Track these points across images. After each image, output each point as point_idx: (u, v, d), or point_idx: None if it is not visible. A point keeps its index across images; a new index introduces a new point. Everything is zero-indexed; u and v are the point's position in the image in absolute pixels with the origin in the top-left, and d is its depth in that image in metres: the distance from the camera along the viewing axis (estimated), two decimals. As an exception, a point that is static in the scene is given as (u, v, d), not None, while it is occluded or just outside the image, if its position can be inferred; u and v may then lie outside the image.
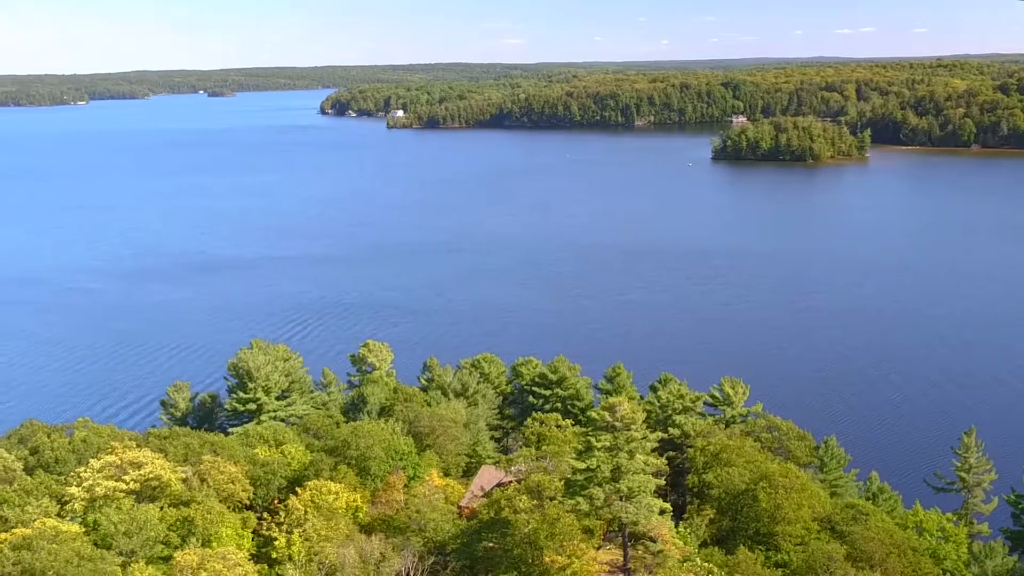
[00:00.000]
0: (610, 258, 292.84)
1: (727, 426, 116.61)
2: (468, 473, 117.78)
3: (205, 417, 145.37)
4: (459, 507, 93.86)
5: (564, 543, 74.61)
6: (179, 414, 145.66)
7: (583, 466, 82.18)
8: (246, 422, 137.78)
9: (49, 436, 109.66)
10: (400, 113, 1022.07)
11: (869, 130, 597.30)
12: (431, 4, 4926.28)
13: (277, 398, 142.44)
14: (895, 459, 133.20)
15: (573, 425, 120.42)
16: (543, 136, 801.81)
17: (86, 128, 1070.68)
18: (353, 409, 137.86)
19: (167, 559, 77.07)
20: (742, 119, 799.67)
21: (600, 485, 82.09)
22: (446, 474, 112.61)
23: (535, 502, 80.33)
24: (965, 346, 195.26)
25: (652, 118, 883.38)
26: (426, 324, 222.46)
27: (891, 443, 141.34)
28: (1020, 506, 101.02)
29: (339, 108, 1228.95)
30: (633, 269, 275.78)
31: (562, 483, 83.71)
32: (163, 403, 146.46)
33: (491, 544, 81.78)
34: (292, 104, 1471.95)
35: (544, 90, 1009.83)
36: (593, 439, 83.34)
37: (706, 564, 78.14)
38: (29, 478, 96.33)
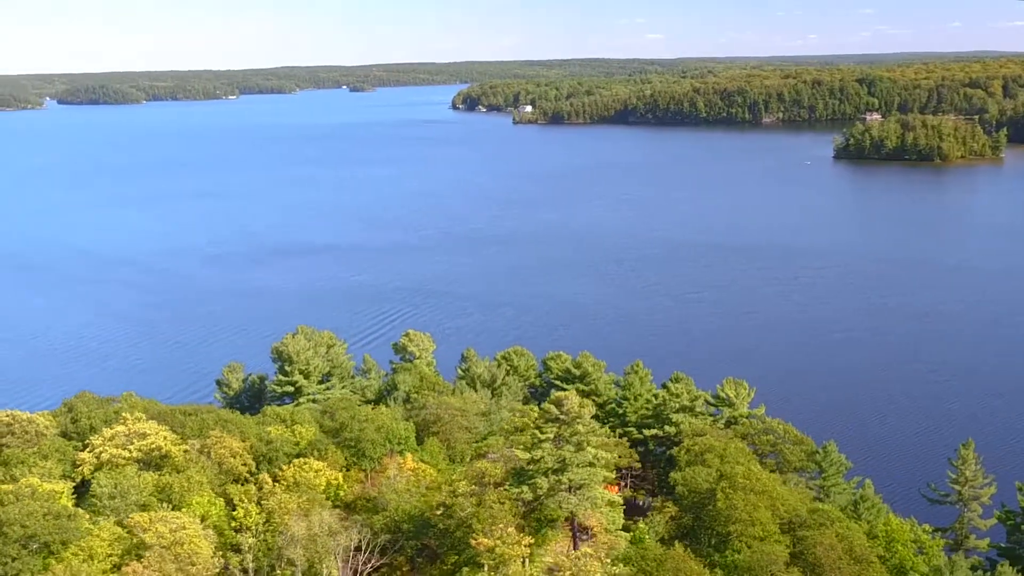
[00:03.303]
0: (694, 256, 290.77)
1: (727, 427, 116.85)
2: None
3: (255, 397, 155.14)
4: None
5: (493, 527, 77.90)
6: (232, 393, 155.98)
7: (527, 456, 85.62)
8: (288, 403, 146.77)
9: (87, 407, 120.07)
10: (528, 109, 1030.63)
11: (1006, 129, 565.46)
12: (573, 0, 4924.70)
13: (319, 382, 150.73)
14: (902, 468, 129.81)
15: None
16: (665, 132, 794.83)
17: (232, 122, 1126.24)
18: (385, 395, 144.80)
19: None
20: (876, 117, 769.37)
21: (545, 475, 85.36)
22: (452, 461, 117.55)
23: (474, 488, 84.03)
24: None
25: (781, 115, 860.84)
26: (485, 315, 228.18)
27: (901, 451, 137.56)
28: (1010, 523, 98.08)
29: (469, 103, 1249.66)
30: (715, 268, 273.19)
31: (510, 471, 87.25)
32: (218, 383, 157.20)
33: (440, 526, 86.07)
34: (426, 99, 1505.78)
35: (672, 86, 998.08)
36: (538, 431, 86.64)
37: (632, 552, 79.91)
38: (55, 442, 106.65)
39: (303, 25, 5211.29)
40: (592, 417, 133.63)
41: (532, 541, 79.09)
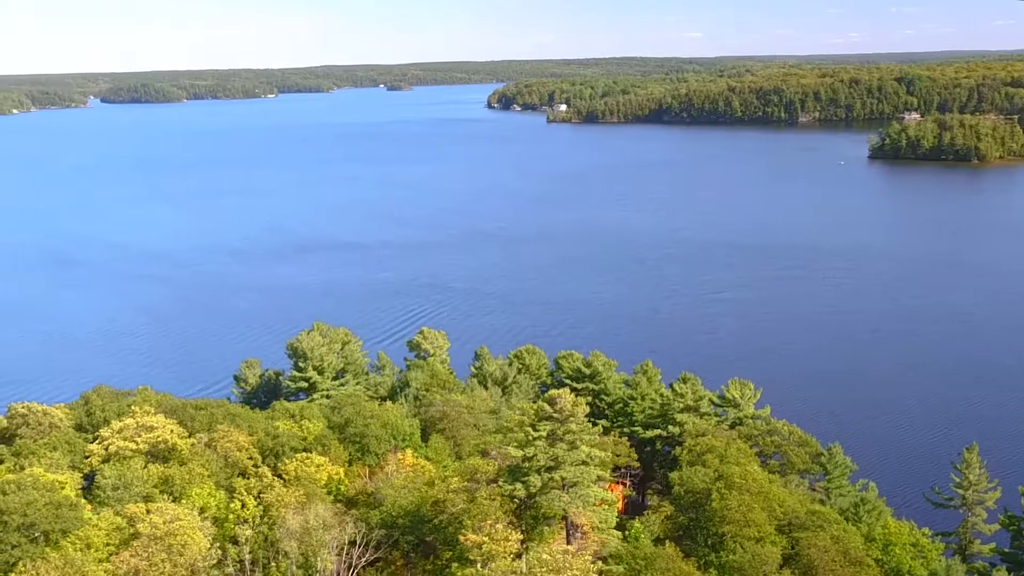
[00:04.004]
0: (718, 255, 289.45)
1: (732, 427, 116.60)
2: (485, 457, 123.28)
3: (271, 392, 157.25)
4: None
5: (482, 523, 78.61)
6: (249, 389, 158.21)
7: (520, 454, 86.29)
8: (302, 399, 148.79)
9: (102, 399, 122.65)
10: (563, 107, 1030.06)
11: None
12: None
13: (333, 379, 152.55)
14: (909, 471, 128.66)
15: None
16: (699, 132, 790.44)
17: (270, 121, 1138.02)
18: (397, 392, 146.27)
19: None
20: (915, 116, 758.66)
21: (538, 473, 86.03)
22: (458, 458, 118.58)
23: (466, 484, 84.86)
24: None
25: (817, 114, 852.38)
26: (504, 313, 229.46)
27: (910, 454, 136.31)
28: (1012, 528, 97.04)
29: (505, 102, 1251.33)
30: (738, 268, 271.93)
31: (504, 469, 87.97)
32: (236, 378, 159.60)
33: (434, 522, 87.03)
34: (462, 98, 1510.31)
35: (707, 85, 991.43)
36: (531, 429, 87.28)
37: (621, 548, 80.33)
38: (67, 434, 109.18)
39: (342, 25, 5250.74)
40: (600, 416, 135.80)
41: (522, 538, 79.66)
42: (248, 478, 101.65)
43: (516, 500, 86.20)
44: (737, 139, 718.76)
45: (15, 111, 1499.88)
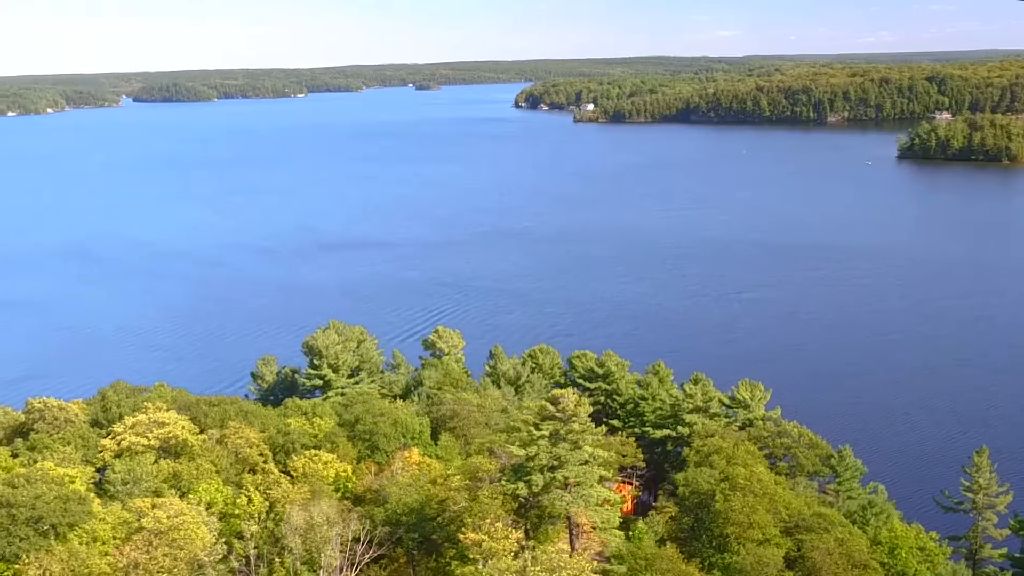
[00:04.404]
0: (741, 256, 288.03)
1: (741, 429, 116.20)
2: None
3: (288, 389, 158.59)
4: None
5: (482, 522, 79.00)
6: (266, 386, 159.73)
7: (523, 453, 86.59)
8: (318, 396, 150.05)
9: (118, 395, 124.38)
10: (590, 107, 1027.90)
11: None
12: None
13: (348, 376, 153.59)
14: (920, 474, 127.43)
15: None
16: (726, 132, 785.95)
17: (299, 120, 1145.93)
18: (410, 391, 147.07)
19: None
20: (946, 116, 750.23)
21: (541, 472, 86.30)
22: (468, 456, 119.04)
23: (468, 482, 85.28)
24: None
25: (846, 114, 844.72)
26: (523, 312, 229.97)
27: (922, 457, 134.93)
28: (1023, 533, 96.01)
29: (532, 102, 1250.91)
30: (760, 268, 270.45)
31: (506, 467, 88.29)
32: (253, 375, 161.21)
33: (438, 520, 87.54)
34: (490, 97, 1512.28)
35: (735, 84, 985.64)
36: (534, 429, 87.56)
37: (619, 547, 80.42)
38: (81, 429, 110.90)
39: (371, 24, 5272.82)
40: (613, 416, 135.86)
41: (521, 536, 79.93)
42: (256, 474, 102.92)
43: (519, 499, 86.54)
44: (764, 139, 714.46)
45: (50, 110, 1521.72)
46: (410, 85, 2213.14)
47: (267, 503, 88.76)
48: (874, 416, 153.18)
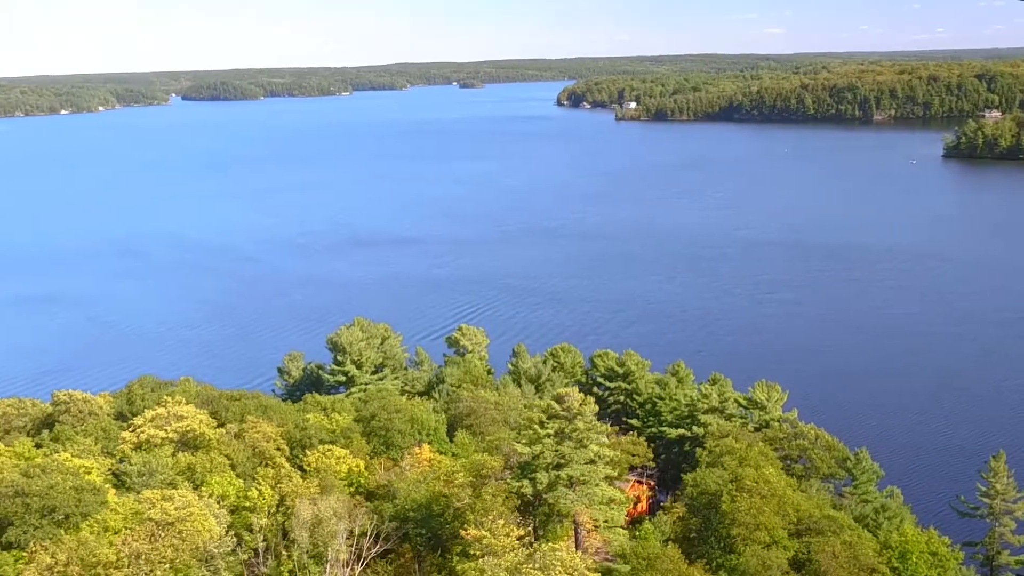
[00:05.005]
0: (774, 255, 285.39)
1: (757, 430, 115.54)
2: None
3: (313, 385, 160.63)
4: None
5: (483, 519, 79.60)
6: (292, 381, 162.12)
7: (528, 451, 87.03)
8: (342, 392, 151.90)
9: (143, 389, 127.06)
10: (633, 105, 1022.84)
11: None
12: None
13: (371, 373, 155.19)
14: (938, 478, 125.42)
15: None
16: (769, 130, 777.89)
17: (343, 118, 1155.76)
18: (432, 388, 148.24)
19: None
20: (996, 114, 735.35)
21: (545, 470, 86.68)
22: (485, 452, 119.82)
23: (472, 479, 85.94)
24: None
25: (893, 112, 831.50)
26: (550, 310, 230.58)
27: (940, 461, 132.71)
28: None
29: (574, 100, 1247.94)
30: (794, 268, 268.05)
31: (513, 465, 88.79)
32: (279, 370, 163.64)
33: (443, 516, 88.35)
34: (533, 95, 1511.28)
35: (780, 82, 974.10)
36: (539, 427, 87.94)
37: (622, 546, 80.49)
38: (103, 421, 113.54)
39: (416, 23, 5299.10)
40: (632, 416, 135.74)
41: (522, 533, 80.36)
42: (271, 468, 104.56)
43: (524, 497, 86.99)
44: (807, 137, 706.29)
45: (101, 108, 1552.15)
46: (454, 83, 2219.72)
47: (277, 497, 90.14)
48: (894, 418, 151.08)
